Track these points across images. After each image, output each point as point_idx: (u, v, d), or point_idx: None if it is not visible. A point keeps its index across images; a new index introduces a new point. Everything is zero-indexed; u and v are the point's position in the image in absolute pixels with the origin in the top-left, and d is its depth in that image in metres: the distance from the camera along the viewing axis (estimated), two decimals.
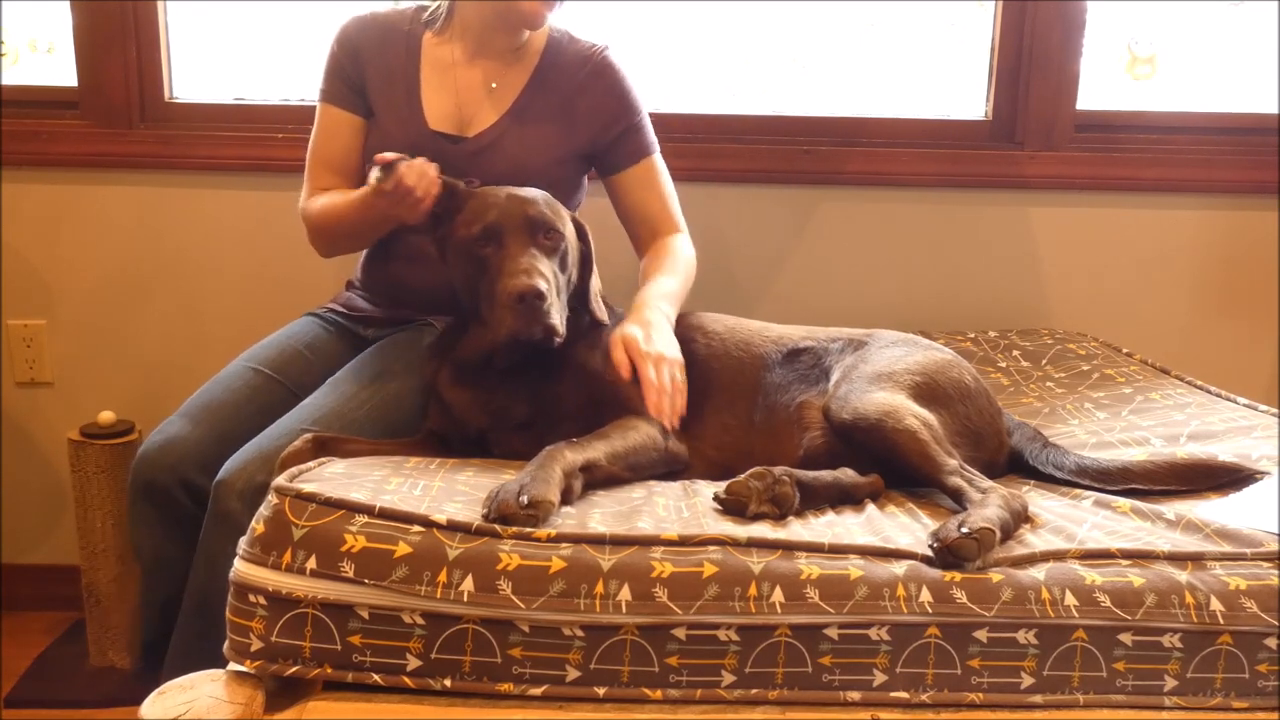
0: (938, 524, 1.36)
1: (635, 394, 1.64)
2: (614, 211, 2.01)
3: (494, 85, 1.92)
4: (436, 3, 1.94)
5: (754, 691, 1.25)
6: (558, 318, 1.57)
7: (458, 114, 1.92)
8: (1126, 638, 1.28)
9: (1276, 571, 1.32)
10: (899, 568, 1.28)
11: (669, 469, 1.61)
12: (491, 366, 1.65)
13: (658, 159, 1.99)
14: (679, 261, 1.91)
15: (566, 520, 1.32)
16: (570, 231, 1.69)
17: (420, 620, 1.22)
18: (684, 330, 1.78)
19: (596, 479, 1.47)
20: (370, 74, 1.92)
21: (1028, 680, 1.28)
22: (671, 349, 1.65)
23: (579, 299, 1.71)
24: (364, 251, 2.04)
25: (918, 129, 2.58)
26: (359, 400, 1.73)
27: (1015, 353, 2.32)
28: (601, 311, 1.75)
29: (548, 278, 1.58)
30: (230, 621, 1.25)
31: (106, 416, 2.34)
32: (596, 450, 1.48)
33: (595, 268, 1.76)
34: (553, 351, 1.62)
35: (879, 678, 1.26)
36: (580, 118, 1.93)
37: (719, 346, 1.78)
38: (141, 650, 1.81)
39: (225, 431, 1.71)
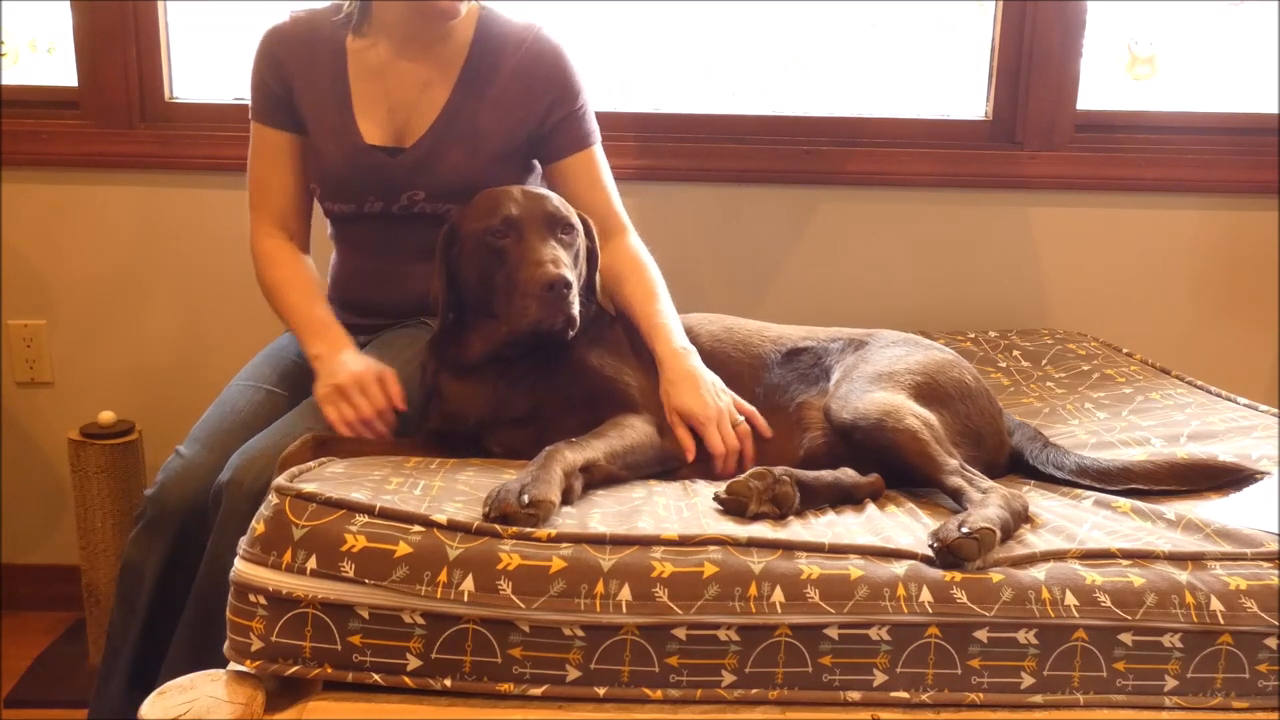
0: (938, 524, 1.36)
1: (633, 389, 1.65)
2: None
3: (424, 86, 1.84)
4: (350, 2, 1.83)
5: (754, 691, 1.25)
6: (577, 308, 1.59)
7: (391, 123, 1.84)
8: (1127, 638, 1.28)
9: (1276, 571, 1.32)
10: (899, 568, 1.28)
11: (665, 466, 1.61)
12: (497, 360, 1.66)
13: (599, 150, 1.90)
14: (653, 275, 1.82)
15: (567, 520, 1.32)
16: (580, 227, 1.70)
17: (420, 620, 1.22)
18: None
19: (596, 479, 1.47)
20: (298, 88, 1.84)
21: (1028, 680, 1.28)
22: (724, 396, 1.66)
23: (586, 292, 1.72)
24: (332, 270, 2.00)
25: (918, 129, 2.58)
26: None
27: (1015, 353, 2.32)
28: (609, 303, 1.77)
29: (571, 269, 1.60)
30: (230, 621, 1.25)
31: (106, 416, 2.35)
32: (596, 450, 1.48)
33: (598, 262, 1.78)
34: (558, 345, 1.62)
35: (879, 678, 1.26)
36: (518, 106, 1.84)
37: (717, 347, 1.78)
38: (106, 654, 1.74)
39: None
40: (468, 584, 1.22)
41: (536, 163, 1.94)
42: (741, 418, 1.65)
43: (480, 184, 1.73)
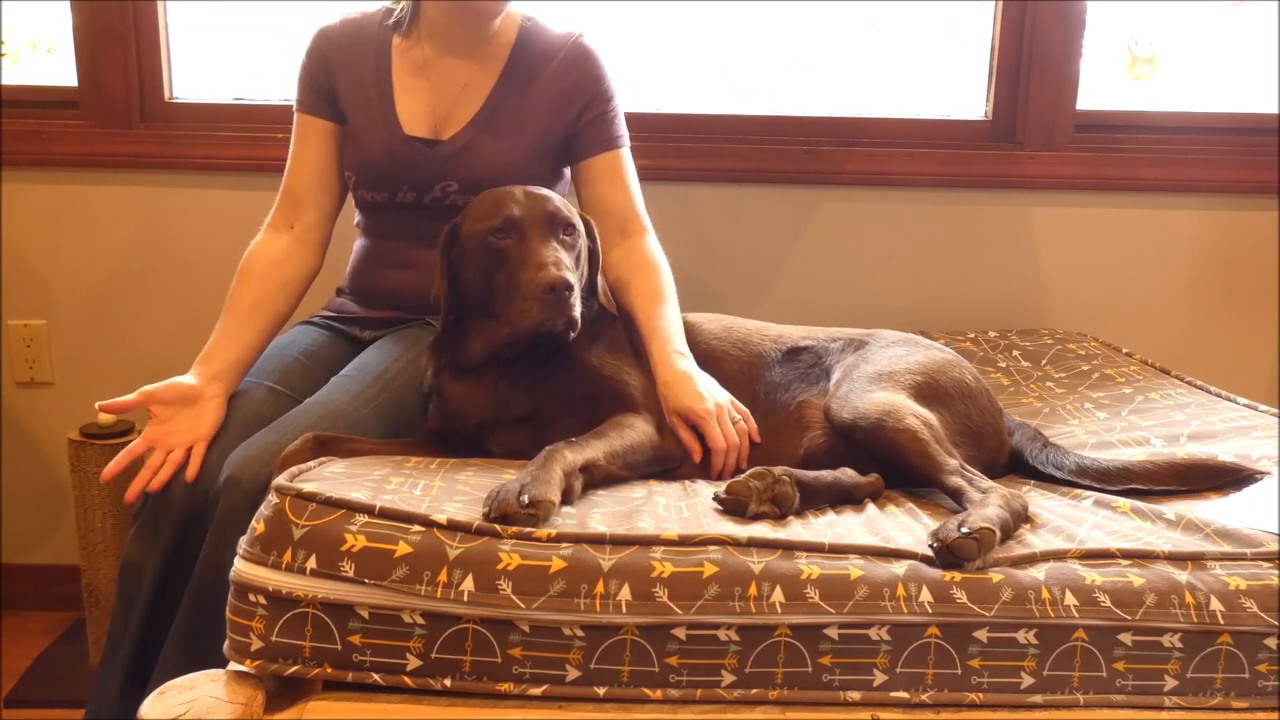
0: (938, 524, 1.36)
1: (633, 388, 1.66)
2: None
3: (466, 84, 1.90)
4: (400, 4, 1.92)
5: (754, 691, 1.25)
6: (578, 310, 1.59)
7: (432, 116, 1.91)
8: (1126, 638, 1.28)
9: (1276, 571, 1.32)
10: (899, 568, 1.28)
11: (665, 466, 1.61)
12: (497, 360, 1.66)
13: (626, 153, 1.95)
14: (664, 279, 1.83)
15: (566, 520, 1.32)
16: (581, 227, 1.71)
17: (420, 620, 1.22)
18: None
19: (595, 479, 1.47)
20: (340, 82, 1.91)
21: (1028, 680, 1.28)
22: (719, 394, 1.65)
23: (588, 292, 1.72)
24: (352, 258, 2.04)
25: (918, 129, 2.58)
26: (365, 398, 1.73)
27: (1015, 353, 2.32)
28: (611, 303, 1.77)
29: (573, 270, 1.60)
30: (230, 621, 1.25)
31: (106, 417, 2.34)
32: (596, 450, 1.48)
33: (600, 262, 1.78)
34: (558, 345, 1.62)
35: (879, 678, 1.26)
36: (554, 108, 1.90)
37: (717, 345, 1.78)
38: (105, 652, 1.73)
39: None
40: (468, 584, 1.22)
41: (567, 170, 1.98)
42: (738, 416, 1.65)
43: (512, 179, 1.74)
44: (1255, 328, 2.65)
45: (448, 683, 1.23)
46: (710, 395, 1.63)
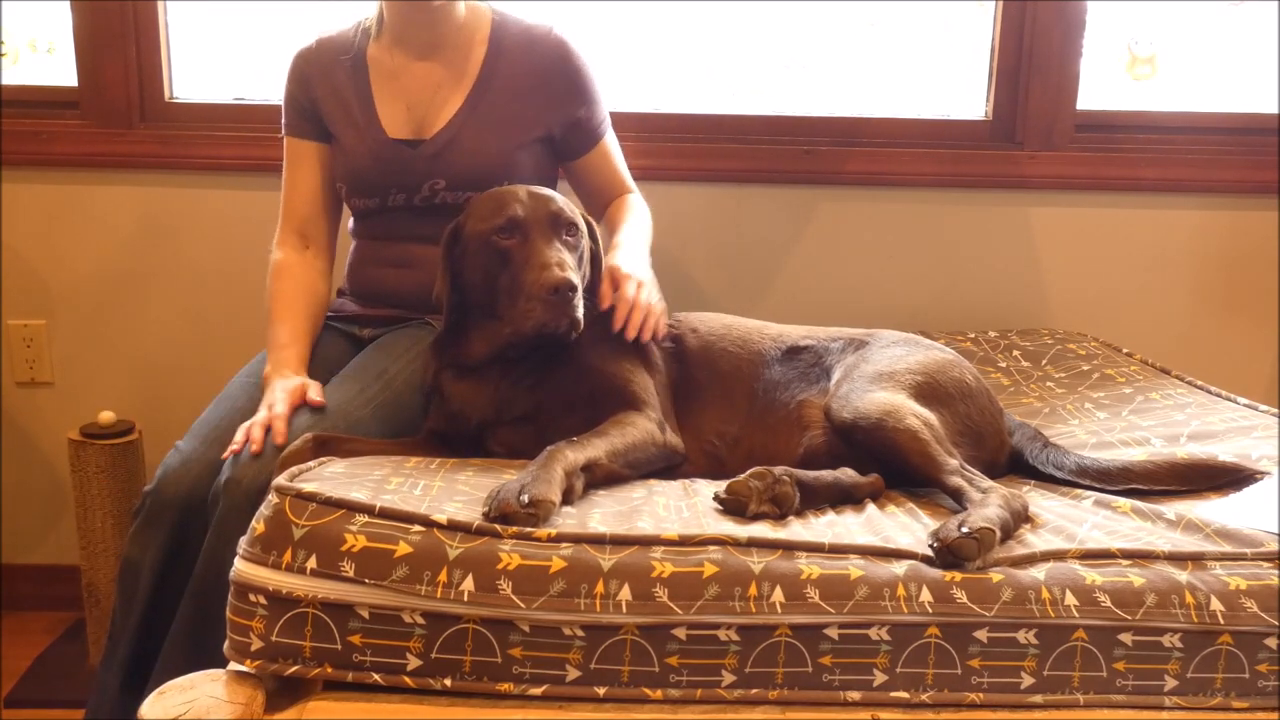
0: (938, 524, 1.36)
1: (634, 386, 1.65)
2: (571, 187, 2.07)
3: (440, 84, 1.93)
4: (374, 7, 1.96)
5: (754, 691, 1.25)
6: (581, 311, 1.59)
7: (412, 119, 1.93)
8: (1126, 638, 1.28)
9: (1276, 571, 1.32)
10: (899, 567, 1.28)
11: (666, 464, 1.61)
12: (499, 360, 1.66)
13: (611, 135, 2.03)
14: (639, 212, 1.98)
15: (567, 520, 1.33)
16: (584, 228, 1.71)
17: (420, 620, 1.22)
18: (681, 327, 1.79)
19: (597, 478, 1.47)
20: (322, 98, 1.95)
21: (1028, 680, 1.28)
22: (642, 271, 1.76)
23: (589, 292, 1.72)
24: (349, 259, 2.06)
25: (918, 129, 2.58)
26: (365, 399, 1.73)
27: (1015, 353, 2.32)
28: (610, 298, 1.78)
29: (576, 271, 1.60)
30: (230, 621, 1.25)
31: (106, 416, 2.34)
32: (597, 449, 1.48)
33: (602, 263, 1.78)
34: (560, 345, 1.63)
35: (879, 678, 1.26)
36: (536, 101, 1.93)
37: (715, 342, 1.78)
38: (105, 652, 1.74)
39: None
40: (468, 584, 1.22)
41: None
42: (656, 298, 1.74)
43: (500, 171, 1.78)
44: (1255, 327, 2.65)
45: (448, 683, 1.23)
46: (630, 267, 1.72)
